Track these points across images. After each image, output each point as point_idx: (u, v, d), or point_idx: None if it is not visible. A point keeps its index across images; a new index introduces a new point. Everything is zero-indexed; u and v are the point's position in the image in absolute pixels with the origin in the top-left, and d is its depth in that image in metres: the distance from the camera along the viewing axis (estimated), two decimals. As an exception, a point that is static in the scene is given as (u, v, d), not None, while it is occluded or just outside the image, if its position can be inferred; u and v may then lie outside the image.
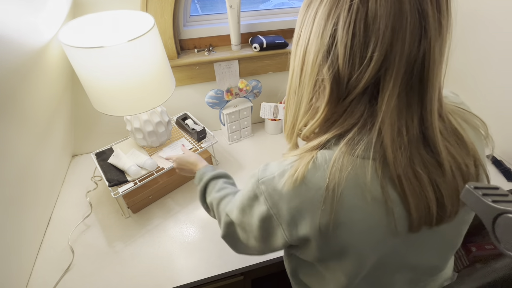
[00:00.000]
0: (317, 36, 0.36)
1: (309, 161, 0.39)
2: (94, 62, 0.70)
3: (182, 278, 0.78)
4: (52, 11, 0.75)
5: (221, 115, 1.17)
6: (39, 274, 0.80)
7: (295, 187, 0.39)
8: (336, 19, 0.34)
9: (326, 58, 0.36)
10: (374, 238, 0.40)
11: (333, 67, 0.35)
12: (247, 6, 1.14)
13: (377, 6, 0.31)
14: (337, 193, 0.37)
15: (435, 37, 0.33)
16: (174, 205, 0.99)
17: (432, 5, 0.32)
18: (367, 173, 0.37)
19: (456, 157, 0.39)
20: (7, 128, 0.67)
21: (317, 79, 0.38)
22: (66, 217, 0.95)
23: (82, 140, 1.16)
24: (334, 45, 0.35)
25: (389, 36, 0.32)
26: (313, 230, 0.39)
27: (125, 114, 0.84)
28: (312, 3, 0.37)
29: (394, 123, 0.35)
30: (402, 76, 0.33)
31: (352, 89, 0.36)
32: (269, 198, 0.41)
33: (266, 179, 0.42)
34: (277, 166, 0.43)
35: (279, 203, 0.41)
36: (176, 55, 1.04)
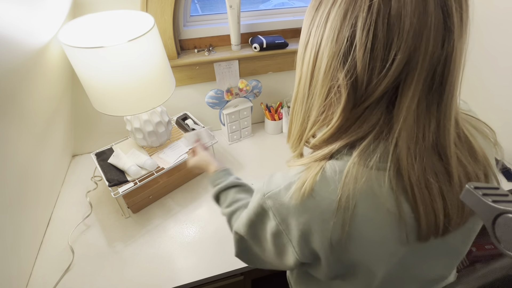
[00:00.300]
0: (331, 39, 0.33)
1: (317, 172, 0.37)
2: (94, 62, 0.70)
3: (182, 278, 0.78)
4: (52, 11, 0.75)
5: (221, 115, 1.17)
6: (39, 274, 0.80)
7: (303, 201, 0.37)
8: (354, 20, 0.31)
9: (343, 63, 0.33)
10: (386, 251, 0.39)
11: (351, 72, 0.33)
12: (247, 6, 1.14)
13: (400, 4, 0.29)
14: (351, 206, 0.35)
15: (458, 36, 0.31)
16: (174, 205, 0.99)
17: (456, 6, 0.30)
18: (382, 185, 0.35)
19: (467, 166, 0.37)
20: (7, 128, 0.67)
21: (331, 85, 0.35)
22: (66, 217, 0.95)
23: (82, 140, 1.16)
24: (352, 49, 0.32)
25: (413, 37, 0.29)
26: (324, 246, 0.38)
27: (125, 114, 0.84)
28: (323, 3, 0.35)
29: (411, 130, 0.33)
30: (423, 80, 0.31)
31: (370, 95, 0.33)
32: (277, 213, 0.39)
33: (272, 193, 0.40)
34: (283, 178, 0.40)
35: (288, 218, 0.39)
36: (176, 55, 1.04)
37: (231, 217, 0.59)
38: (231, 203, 0.61)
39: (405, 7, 0.29)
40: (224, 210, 0.62)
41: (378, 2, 0.29)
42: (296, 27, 1.16)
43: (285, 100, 1.31)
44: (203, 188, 1.05)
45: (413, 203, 0.36)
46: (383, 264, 0.40)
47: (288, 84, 1.28)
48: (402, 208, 0.36)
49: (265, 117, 1.27)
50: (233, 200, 0.62)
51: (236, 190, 0.64)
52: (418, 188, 0.35)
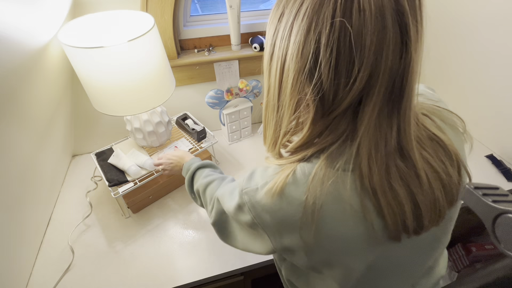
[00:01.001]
0: (296, 54, 0.33)
1: (288, 174, 0.39)
2: (94, 62, 0.70)
3: (182, 278, 0.78)
4: (52, 11, 0.75)
5: (221, 115, 1.17)
6: (39, 274, 0.80)
7: (274, 201, 0.39)
8: (318, 36, 0.31)
9: (309, 77, 0.33)
10: (357, 248, 0.40)
11: (317, 87, 0.33)
12: (247, 6, 1.14)
13: (360, 22, 0.30)
14: (317, 207, 0.37)
15: (415, 49, 0.32)
16: (174, 205, 0.99)
17: (412, 17, 0.31)
18: (346, 185, 0.37)
19: (434, 165, 0.38)
20: (7, 128, 0.67)
21: (299, 98, 0.36)
22: (66, 217, 0.95)
23: (82, 140, 1.16)
24: (318, 65, 0.32)
25: (374, 53, 0.31)
26: (297, 242, 0.40)
27: (125, 114, 0.84)
28: (285, 14, 0.34)
29: (372, 137, 0.35)
30: (384, 91, 0.33)
31: (337, 107, 0.35)
32: (252, 208, 0.42)
33: (250, 189, 0.42)
34: (261, 176, 0.43)
35: (262, 214, 0.41)
36: (176, 55, 1.04)
37: (206, 187, 0.62)
38: (207, 176, 0.65)
39: (365, 25, 0.30)
40: (199, 182, 0.65)
41: (340, 20, 0.30)
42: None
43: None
44: (203, 188, 1.05)
45: (378, 206, 0.37)
46: (359, 260, 0.42)
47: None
48: (367, 209, 0.37)
49: (265, 117, 1.27)
50: (209, 174, 0.65)
51: (211, 169, 0.69)
52: (381, 192, 0.36)
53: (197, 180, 0.67)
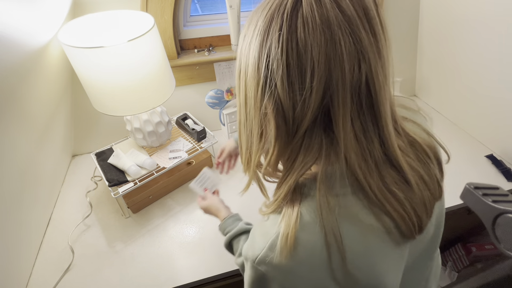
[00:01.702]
0: (253, 69, 0.34)
1: (295, 220, 0.37)
2: (94, 62, 0.70)
3: (182, 278, 0.78)
4: (52, 11, 0.75)
5: (221, 115, 1.17)
6: (39, 274, 0.80)
7: (294, 255, 0.36)
8: (268, 50, 0.32)
9: (265, 91, 0.33)
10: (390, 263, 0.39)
11: (274, 99, 0.33)
12: (247, 6, 1.14)
13: (305, 34, 0.30)
14: (338, 237, 0.35)
15: (374, 60, 0.32)
16: (174, 205, 0.99)
17: (366, 31, 0.31)
18: (356, 206, 0.36)
19: (418, 170, 0.39)
20: (7, 128, 0.67)
21: (261, 113, 0.36)
22: (66, 217, 0.95)
23: (82, 140, 1.16)
24: (270, 77, 0.32)
25: (324, 63, 0.31)
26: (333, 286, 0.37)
27: (125, 114, 0.84)
28: (247, 34, 0.35)
29: (356, 150, 0.35)
30: (350, 102, 0.32)
31: (300, 121, 0.34)
32: (276, 275, 0.38)
33: (260, 258, 0.38)
34: (262, 237, 0.39)
35: (288, 276, 0.37)
36: (176, 55, 1.04)
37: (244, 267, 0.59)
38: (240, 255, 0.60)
39: (310, 36, 0.30)
40: (237, 260, 0.61)
41: (286, 32, 0.31)
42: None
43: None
44: (203, 188, 1.05)
45: (388, 213, 0.37)
46: (394, 276, 0.40)
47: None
48: (382, 220, 0.37)
49: (265, 117, 1.27)
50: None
51: (246, 236, 0.64)
52: (384, 199, 0.36)
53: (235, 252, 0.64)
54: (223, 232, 0.69)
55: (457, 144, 1.18)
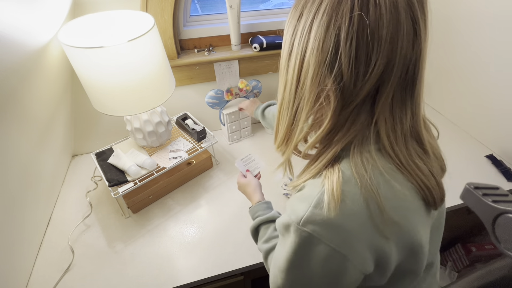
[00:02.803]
0: (317, 48, 0.36)
1: (338, 175, 0.38)
2: (94, 62, 0.70)
3: (182, 278, 0.78)
4: (52, 11, 0.75)
5: (221, 115, 1.17)
6: (39, 274, 0.80)
7: (342, 207, 0.37)
8: (337, 30, 0.34)
9: (330, 70, 0.36)
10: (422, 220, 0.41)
11: (338, 78, 0.36)
12: (247, 6, 1.14)
13: (377, 16, 0.33)
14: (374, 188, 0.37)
15: (424, 39, 0.36)
16: (174, 205, 0.99)
17: (421, 13, 0.35)
18: (384, 166, 0.39)
19: (432, 142, 0.44)
20: (7, 128, 0.67)
21: (319, 90, 0.38)
22: (66, 217, 0.95)
23: (82, 140, 1.16)
24: (338, 57, 0.35)
25: (390, 43, 0.34)
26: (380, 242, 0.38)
27: (125, 114, 0.84)
28: (304, 13, 0.37)
29: (388, 120, 0.38)
30: (398, 78, 0.36)
31: (356, 96, 0.37)
32: (323, 232, 0.37)
33: (306, 217, 0.38)
34: (304, 201, 0.40)
35: (337, 231, 0.37)
36: (176, 55, 1.04)
37: (268, 254, 0.58)
38: (270, 239, 0.60)
39: (381, 18, 0.33)
40: (262, 245, 0.61)
41: (358, 14, 0.33)
42: (296, 27, 1.16)
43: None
44: (203, 188, 1.05)
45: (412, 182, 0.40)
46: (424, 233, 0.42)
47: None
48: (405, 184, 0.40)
49: (265, 117, 1.28)
50: (272, 235, 0.61)
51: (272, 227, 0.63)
52: (410, 170, 0.40)
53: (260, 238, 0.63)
54: (252, 216, 0.69)
55: (457, 144, 1.18)
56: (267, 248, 0.58)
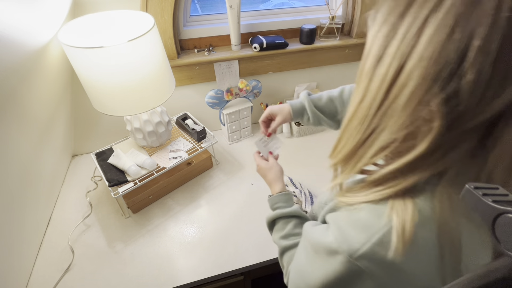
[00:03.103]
0: (429, 57, 0.27)
1: (413, 213, 0.32)
2: (94, 62, 0.70)
3: (182, 278, 0.78)
4: (52, 11, 0.75)
5: (221, 115, 1.17)
6: (39, 274, 0.80)
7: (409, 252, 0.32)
8: (468, 36, 0.25)
9: (442, 87, 0.27)
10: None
11: (452, 100, 0.27)
12: (247, 6, 1.14)
13: None
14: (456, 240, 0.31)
15: None
16: (174, 205, 0.99)
17: None
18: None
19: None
20: (7, 128, 0.67)
21: (417, 110, 0.29)
22: (66, 217, 0.95)
23: (82, 140, 1.16)
24: (460, 72, 0.26)
25: None
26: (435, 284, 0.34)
27: (125, 114, 0.84)
28: (413, 9, 0.28)
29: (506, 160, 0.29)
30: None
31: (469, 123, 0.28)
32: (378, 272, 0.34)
33: (363, 253, 0.33)
34: (362, 231, 0.35)
35: (392, 273, 0.33)
36: (176, 55, 1.04)
37: (285, 251, 0.57)
38: (288, 236, 0.58)
39: None
40: (280, 241, 0.58)
41: (508, 16, 0.24)
42: (296, 27, 1.16)
43: (285, 100, 1.31)
44: (203, 188, 1.05)
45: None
46: None
47: (288, 84, 1.28)
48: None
49: (265, 117, 1.27)
50: (292, 233, 0.58)
51: (297, 222, 0.60)
52: None
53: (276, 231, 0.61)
54: (271, 205, 0.64)
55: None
56: (286, 246, 0.56)
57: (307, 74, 1.26)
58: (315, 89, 1.31)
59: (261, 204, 0.96)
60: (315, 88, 1.31)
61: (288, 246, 0.56)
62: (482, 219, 0.25)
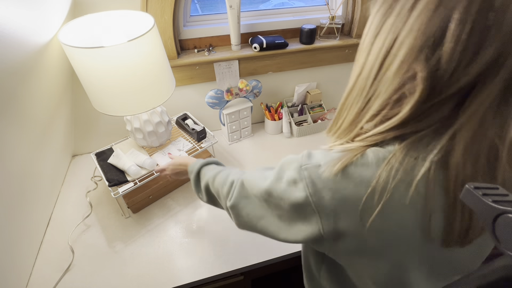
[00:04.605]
0: (417, 29, 0.31)
1: (355, 154, 0.37)
2: (94, 62, 0.70)
3: (182, 278, 0.78)
4: (52, 11, 0.75)
5: (221, 115, 1.17)
6: (39, 274, 0.80)
7: (338, 179, 0.37)
8: (450, 11, 0.29)
9: (426, 55, 0.31)
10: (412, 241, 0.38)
11: (433, 66, 0.31)
12: (247, 6, 1.14)
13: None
14: (387, 192, 0.35)
15: None
16: (174, 205, 0.99)
17: None
18: (418, 172, 0.34)
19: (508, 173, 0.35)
20: (7, 128, 0.67)
21: (405, 77, 0.34)
22: (66, 217, 0.95)
23: (82, 140, 1.16)
24: (441, 42, 0.30)
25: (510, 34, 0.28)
26: (353, 225, 0.38)
27: (125, 114, 0.84)
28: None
29: (474, 130, 0.32)
30: (504, 80, 0.30)
31: (446, 90, 0.32)
32: (310, 185, 0.39)
33: (311, 165, 0.40)
34: (323, 156, 0.41)
35: (322, 191, 0.38)
36: (176, 55, 1.04)
37: (216, 176, 0.61)
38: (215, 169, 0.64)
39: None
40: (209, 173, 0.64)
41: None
42: (296, 27, 1.16)
43: (285, 100, 1.31)
44: (203, 188, 1.05)
45: (452, 203, 0.35)
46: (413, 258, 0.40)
47: (288, 84, 1.28)
48: (433, 198, 0.35)
49: (265, 117, 1.27)
50: (217, 169, 0.64)
51: (216, 165, 0.68)
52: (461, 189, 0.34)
53: (204, 175, 0.66)
54: (191, 170, 0.70)
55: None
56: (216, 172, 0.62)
57: (307, 74, 1.26)
58: (315, 89, 1.31)
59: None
60: (315, 88, 1.31)
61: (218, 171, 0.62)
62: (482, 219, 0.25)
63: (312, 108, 1.32)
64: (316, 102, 1.32)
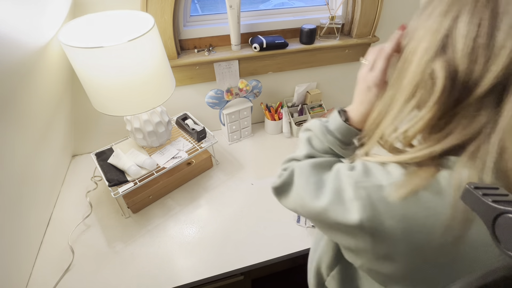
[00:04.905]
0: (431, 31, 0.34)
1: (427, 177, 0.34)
2: (94, 62, 0.70)
3: (182, 278, 0.78)
4: (52, 11, 0.75)
5: (221, 115, 1.17)
6: (39, 274, 0.80)
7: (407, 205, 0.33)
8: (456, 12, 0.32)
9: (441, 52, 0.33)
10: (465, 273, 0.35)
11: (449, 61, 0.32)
12: (247, 6, 1.14)
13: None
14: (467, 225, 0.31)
15: None
16: (174, 205, 0.99)
17: None
18: None
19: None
20: (7, 128, 0.67)
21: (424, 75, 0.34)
22: (66, 217, 0.95)
23: (82, 140, 1.16)
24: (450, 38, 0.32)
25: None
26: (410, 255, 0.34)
27: (125, 114, 0.84)
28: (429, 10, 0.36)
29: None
30: None
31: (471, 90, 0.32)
32: (369, 207, 0.34)
33: (371, 185, 0.36)
34: (384, 175, 0.36)
35: (383, 216, 0.34)
36: (176, 55, 1.04)
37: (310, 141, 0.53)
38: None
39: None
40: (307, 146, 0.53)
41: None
42: (296, 27, 1.16)
43: (285, 100, 1.31)
44: (203, 188, 1.05)
45: None
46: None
47: (288, 84, 1.28)
48: None
49: (265, 117, 1.27)
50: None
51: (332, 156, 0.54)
52: None
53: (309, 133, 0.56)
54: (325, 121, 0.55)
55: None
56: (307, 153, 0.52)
57: (307, 74, 1.26)
58: (315, 89, 1.31)
59: (261, 204, 0.96)
60: (315, 88, 1.31)
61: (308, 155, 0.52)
62: (482, 219, 0.25)
63: (312, 108, 1.32)
64: (316, 102, 1.32)
